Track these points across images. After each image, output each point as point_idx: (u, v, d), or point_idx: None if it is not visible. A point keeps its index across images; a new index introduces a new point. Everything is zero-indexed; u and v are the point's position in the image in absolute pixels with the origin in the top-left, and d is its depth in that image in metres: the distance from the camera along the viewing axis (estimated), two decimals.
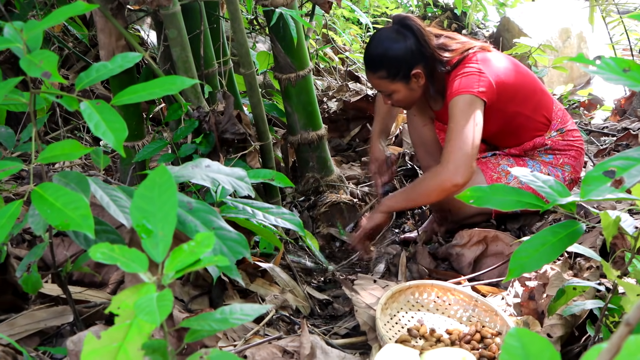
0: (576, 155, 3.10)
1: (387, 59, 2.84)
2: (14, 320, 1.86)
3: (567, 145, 3.08)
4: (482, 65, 2.85)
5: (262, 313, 1.38)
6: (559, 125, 3.08)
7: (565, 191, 1.64)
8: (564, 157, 3.06)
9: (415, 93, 2.94)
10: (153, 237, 1.22)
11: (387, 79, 2.87)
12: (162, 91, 1.53)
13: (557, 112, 3.10)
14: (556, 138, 3.07)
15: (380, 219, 2.94)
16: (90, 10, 1.79)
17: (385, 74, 2.85)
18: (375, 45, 2.88)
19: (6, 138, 2.35)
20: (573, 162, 3.09)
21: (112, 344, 1.10)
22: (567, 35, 7.29)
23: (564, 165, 3.05)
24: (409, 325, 2.29)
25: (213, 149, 2.75)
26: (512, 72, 2.95)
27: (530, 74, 3.09)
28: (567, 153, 3.08)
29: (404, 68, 2.84)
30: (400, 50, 2.83)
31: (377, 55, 2.86)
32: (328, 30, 5.62)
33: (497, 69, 2.88)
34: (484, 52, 2.93)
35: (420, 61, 2.86)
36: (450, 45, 2.93)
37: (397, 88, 2.89)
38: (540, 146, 3.06)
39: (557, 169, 3.04)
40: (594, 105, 5.71)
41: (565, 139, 3.08)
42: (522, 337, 0.83)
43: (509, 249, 2.72)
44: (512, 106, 2.89)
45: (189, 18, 2.82)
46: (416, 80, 2.88)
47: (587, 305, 1.91)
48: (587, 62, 1.38)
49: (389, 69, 2.84)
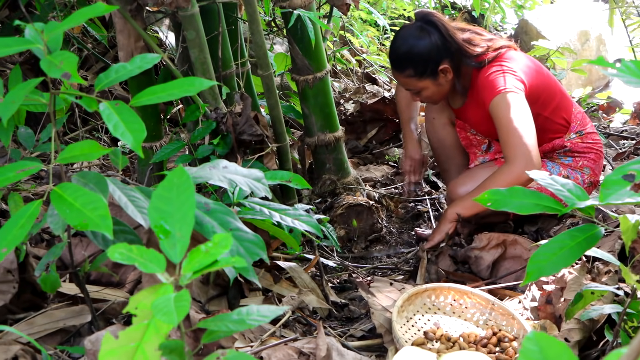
0: (595, 158, 3.07)
1: (413, 57, 2.83)
2: (32, 319, 1.87)
3: (587, 147, 3.05)
4: (513, 64, 2.85)
5: (278, 314, 1.38)
6: (578, 127, 3.05)
7: (584, 195, 1.63)
8: (583, 159, 3.04)
9: (443, 88, 2.93)
10: (171, 237, 1.23)
11: (414, 77, 2.86)
12: (181, 92, 1.54)
13: (576, 114, 3.07)
14: (575, 140, 3.04)
15: (449, 229, 2.87)
16: (109, 12, 1.80)
17: (413, 72, 2.85)
18: (400, 44, 2.87)
19: (26, 138, 2.37)
20: (592, 165, 3.06)
21: (129, 344, 1.11)
22: (586, 37, 7.25)
23: (583, 167, 3.03)
24: (425, 328, 2.28)
25: (230, 150, 2.75)
26: (537, 73, 2.94)
27: (551, 76, 3.08)
28: (586, 155, 3.05)
29: (431, 64, 2.83)
30: (425, 46, 2.82)
31: (403, 54, 2.85)
32: (345, 32, 5.62)
33: (524, 70, 2.87)
34: (511, 51, 2.92)
35: (446, 56, 2.85)
36: (476, 40, 2.91)
37: (426, 85, 2.89)
38: (559, 148, 3.03)
39: (577, 172, 3.02)
40: (612, 108, 5.67)
41: (585, 142, 3.06)
42: (540, 341, 0.82)
43: (528, 253, 2.71)
44: (533, 108, 2.88)
45: (207, 19, 2.82)
46: (444, 75, 2.87)
47: (606, 309, 1.89)
48: (607, 65, 1.37)
49: (416, 67, 2.83)
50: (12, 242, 1.34)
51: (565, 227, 2.89)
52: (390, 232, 3.37)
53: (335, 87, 5.03)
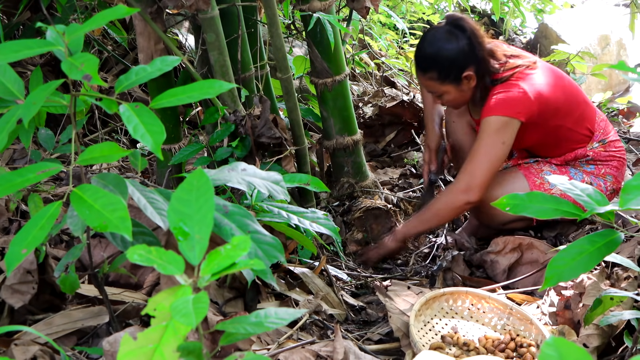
0: (618, 166, 3.04)
1: (438, 60, 2.81)
2: (51, 319, 1.88)
3: (609, 156, 3.02)
4: (526, 84, 2.79)
5: (296, 317, 1.39)
6: (601, 136, 3.01)
7: (604, 200, 1.62)
8: (606, 167, 3.00)
9: (465, 94, 2.91)
10: (190, 239, 1.23)
11: (437, 80, 2.84)
12: (200, 95, 1.54)
13: (599, 122, 3.03)
14: (598, 149, 3.00)
15: (394, 247, 3.00)
16: (130, 15, 1.81)
17: (436, 75, 2.83)
18: (427, 45, 2.85)
19: (46, 139, 2.39)
20: (615, 173, 3.02)
21: (148, 346, 1.11)
22: (606, 42, 7.20)
23: (605, 175, 3.00)
24: (442, 332, 2.27)
25: (249, 153, 2.76)
26: (556, 87, 2.88)
27: (574, 86, 3.04)
28: (609, 164, 3.01)
29: (455, 70, 2.81)
30: (452, 51, 2.79)
31: (429, 55, 2.82)
32: (364, 35, 5.61)
33: (541, 86, 2.82)
34: (530, 69, 2.86)
35: (472, 63, 2.82)
36: (497, 53, 2.88)
37: (448, 89, 2.87)
38: (581, 157, 3.00)
39: (599, 179, 2.98)
40: (633, 113, 5.63)
41: (607, 150, 3.02)
42: (559, 346, 0.82)
43: (544, 257, 2.69)
44: (554, 120, 2.86)
45: (226, 22, 2.83)
46: (467, 82, 2.84)
47: (625, 315, 1.88)
48: (628, 70, 1.36)
49: (440, 70, 2.81)
50: (32, 243, 1.35)
51: (584, 233, 2.87)
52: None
53: (354, 91, 5.02)
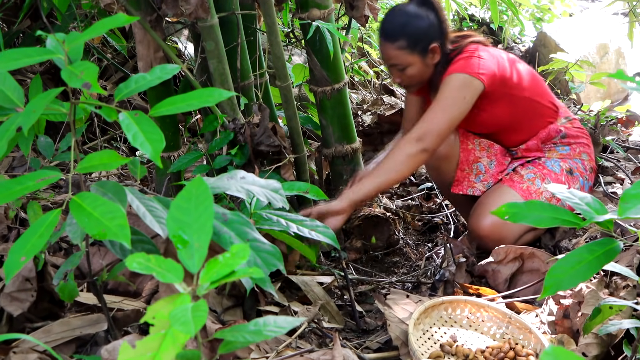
0: (588, 143, 3.12)
1: (409, 29, 2.84)
2: (50, 327, 1.88)
3: (578, 131, 3.10)
4: (484, 53, 2.88)
5: (295, 326, 1.38)
6: (564, 112, 3.12)
7: (603, 208, 1.62)
8: (579, 145, 3.07)
9: (428, 70, 2.92)
10: (189, 247, 1.23)
11: (406, 49, 2.84)
12: (200, 103, 1.55)
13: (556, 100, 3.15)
14: (567, 125, 3.09)
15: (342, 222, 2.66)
16: (129, 23, 1.82)
17: (405, 44, 2.83)
18: (396, 15, 2.89)
19: (45, 147, 2.39)
20: (588, 150, 3.09)
21: (146, 354, 1.11)
22: (605, 50, 7.21)
23: (581, 154, 3.05)
24: (441, 341, 2.27)
25: (248, 161, 2.76)
26: (513, 60, 2.99)
27: (529, 67, 3.11)
28: (580, 141, 3.08)
29: (424, 41, 2.84)
30: (423, 21, 2.85)
31: (399, 24, 2.85)
32: (363, 43, 5.62)
33: (499, 56, 2.92)
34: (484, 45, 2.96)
35: (438, 37, 2.87)
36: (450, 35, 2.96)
37: (414, 61, 2.87)
38: (555, 134, 3.05)
39: (577, 160, 3.03)
40: (632, 122, 5.63)
41: (575, 126, 3.11)
42: (558, 355, 0.82)
43: (546, 266, 2.69)
44: (518, 90, 2.94)
45: (226, 31, 2.84)
46: (432, 55, 2.88)
47: (624, 324, 1.88)
48: (627, 79, 1.37)
49: (410, 38, 2.83)
50: (31, 251, 1.34)
51: (583, 241, 2.87)
52: (407, 244, 3.36)
53: (352, 99, 5.03)
